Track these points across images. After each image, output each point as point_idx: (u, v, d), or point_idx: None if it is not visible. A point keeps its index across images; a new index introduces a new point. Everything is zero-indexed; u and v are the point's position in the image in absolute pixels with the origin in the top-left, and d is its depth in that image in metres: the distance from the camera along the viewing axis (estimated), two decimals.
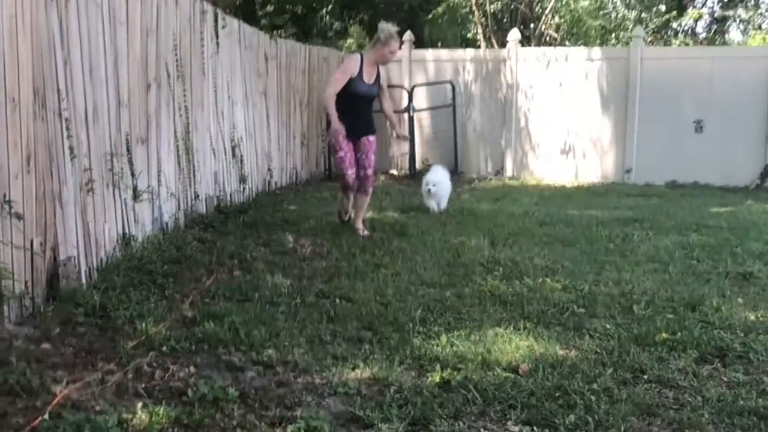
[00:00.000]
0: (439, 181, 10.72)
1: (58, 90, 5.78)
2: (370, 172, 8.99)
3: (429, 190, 10.61)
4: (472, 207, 11.39)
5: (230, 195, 10.35)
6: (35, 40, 5.41)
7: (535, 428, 3.93)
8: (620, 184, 14.77)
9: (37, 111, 5.43)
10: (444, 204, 10.81)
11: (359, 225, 9.11)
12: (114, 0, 6.91)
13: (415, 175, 14.65)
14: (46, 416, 3.85)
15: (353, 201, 9.22)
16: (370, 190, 9.14)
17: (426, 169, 15.30)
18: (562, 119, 15.29)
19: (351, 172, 8.88)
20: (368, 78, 8.78)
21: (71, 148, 5.98)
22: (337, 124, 8.55)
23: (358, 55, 8.91)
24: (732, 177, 14.33)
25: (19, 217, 5.15)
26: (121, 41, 7.03)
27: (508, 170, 15.73)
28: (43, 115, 5.52)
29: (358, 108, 8.78)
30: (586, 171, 15.26)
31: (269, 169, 12.24)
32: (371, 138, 8.97)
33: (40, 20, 5.48)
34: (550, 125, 15.38)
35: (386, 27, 8.74)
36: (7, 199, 5.05)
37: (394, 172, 15.74)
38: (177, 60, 8.50)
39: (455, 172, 15.44)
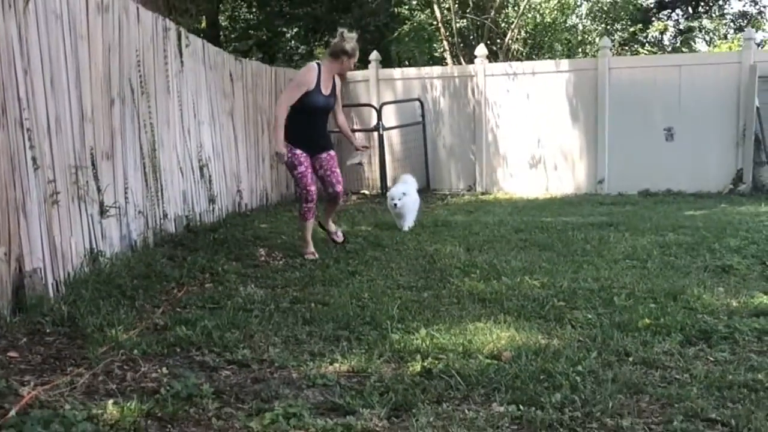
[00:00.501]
0: (404, 194, 10.08)
1: (19, 99, 5.64)
2: (339, 188, 8.46)
3: (395, 204, 10.01)
4: (446, 219, 11.31)
5: (199, 215, 10.19)
6: None
7: (521, 407, 3.81)
8: (593, 194, 14.72)
9: None
10: (412, 219, 10.23)
11: (332, 227, 8.83)
12: (74, 13, 6.79)
13: (387, 194, 14.56)
14: (13, 413, 3.69)
15: (324, 207, 8.70)
16: (340, 200, 8.73)
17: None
18: (532, 133, 15.26)
19: (314, 189, 8.19)
20: (325, 89, 8.15)
21: (34, 159, 5.83)
22: (280, 148, 7.94)
23: (315, 65, 8.23)
24: (705, 183, 14.31)
25: None
26: (83, 55, 6.91)
27: (480, 185, 15.67)
28: (3, 124, 5.37)
29: (316, 122, 8.19)
30: (558, 183, 15.22)
31: (239, 190, 12.09)
32: (332, 152, 8.42)
33: None
34: (520, 139, 15.35)
35: (352, 37, 8.34)
36: None
37: (366, 192, 15.64)
38: (141, 77, 8.37)
39: (427, 189, 15.40)
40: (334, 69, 8.23)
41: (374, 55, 16.09)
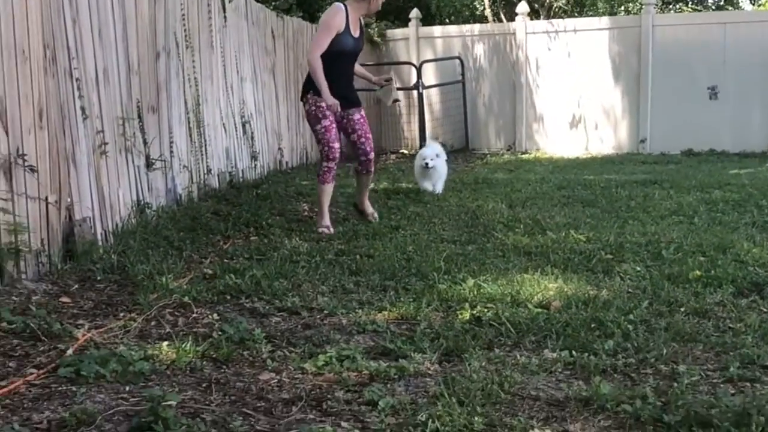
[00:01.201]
0: (437, 154, 9.34)
1: (68, 48, 5.67)
2: (372, 154, 7.61)
3: (426, 164, 9.22)
4: (487, 177, 11.26)
5: (242, 171, 10.22)
6: None
7: (573, 353, 3.79)
8: (635, 154, 14.58)
9: (47, 67, 5.32)
10: (441, 185, 9.44)
11: (368, 207, 7.85)
12: None
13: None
14: (70, 352, 3.74)
15: (356, 182, 7.96)
16: (373, 169, 7.72)
17: None
18: (573, 91, 15.13)
19: (337, 146, 7.33)
20: (354, 31, 7.30)
21: (83, 108, 5.87)
22: (329, 97, 7.05)
23: (342, 5, 7.22)
24: (748, 143, 14.12)
25: (33, 170, 5.04)
26: (130, 6, 6.91)
27: (520, 144, 15.59)
28: (53, 72, 5.41)
29: (345, 69, 7.38)
30: (599, 142, 15.10)
31: (280, 148, 12.10)
32: (362, 111, 7.58)
33: None
34: (561, 98, 15.22)
35: None
36: (20, 152, 4.94)
37: (404, 151, 15.61)
38: (185, 31, 8.37)
39: (466, 149, 15.34)
40: (361, 9, 7.34)
41: (414, 13, 16.01)
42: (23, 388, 3.39)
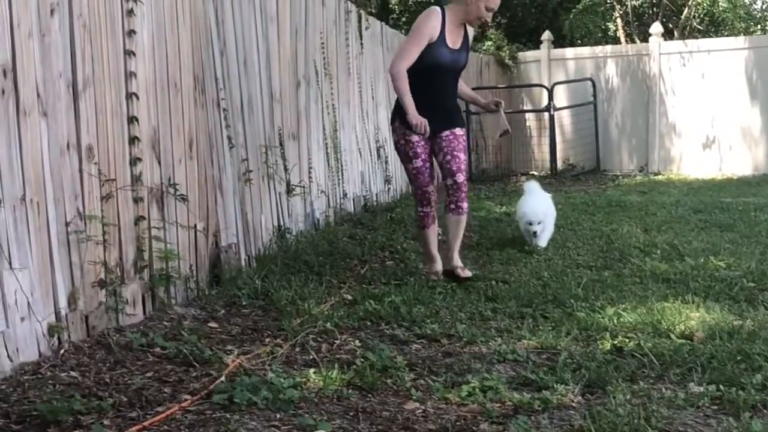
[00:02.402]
0: (543, 214, 7.54)
1: (216, 79, 5.90)
2: (461, 178, 6.20)
3: (534, 232, 7.41)
4: (620, 199, 11.13)
5: (376, 195, 10.39)
6: (194, 28, 5.55)
7: (721, 387, 3.75)
8: None
9: (197, 98, 5.56)
10: (547, 238, 7.63)
11: (457, 261, 6.29)
12: None
13: (557, 175, 14.49)
14: (222, 379, 3.90)
15: (444, 227, 6.54)
16: (466, 206, 6.30)
17: (568, 168, 15.16)
18: (707, 112, 14.81)
19: (432, 189, 6.35)
20: (452, 42, 6.11)
21: (229, 138, 6.10)
22: (415, 116, 5.87)
23: (439, 9, 6.12)
24: None
25: (184, 199, 5.27)
26: (273, 37, 7.15)
27: (653, 166, 15.34)
28: (203, 103, 5.65)
29: (440, 87, 6.13)
30: (735, 163, 14.73)
31: None
32: (458, 131, 6.23)
33: (198, 9, 5.62)
34: (695, 119, 14.93)
35: None
36: (172, 182, 5.17)
37: (534, 172, 15.55)
38: (324, 59, 8.60)
39: (597, 170, 15.19)
40: (461, 15, 6.13)
41: (546, 35, 16.01)
42: (179, 414, 3.55)
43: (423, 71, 5.99)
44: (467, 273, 6.18)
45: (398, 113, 6.13)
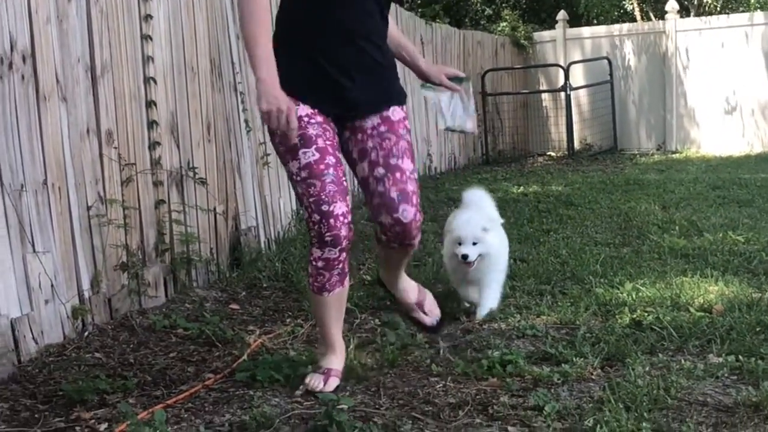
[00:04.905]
0: (482, 229, 4.69)
1: (233, 63, 5.94)
2: (409, 214, 3.52)
3: (465, 257, 4.60)
4: (638, 177, 11.09)
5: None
6: (210, 12, 5.59)
7: (740, 357, 3.76)
8: None
9: (214, 82, 5.60)
10: (493, 297, 4.78)
11: (408, 292, 4.15)
12: None
13: (574, 155, 14.44)
14: (245, 358, 3.95)
15: (383, 257, 4.08)
16: (417, 240, 3.72)
17: (585, 148, 15.13)
18: (725, 89, 14.70)
19: (340, 211, 3.40)
20: None
21: (246, 121, 6.13)
22: (271, 90, 3.13)
23: None
24: None
25: (203, 183, 5.32)
26: None
27: (670, 144, 15.27)
28: (219, 86, 5.69)
29: (350, 20, 3.40)
30: (754, 141, 14.63)
31: (429, 154, 12.25)
32: (396, 113, 3.59)
33: None
34: (713, 96, 14.82)
35: None
36: (191, 165, 5.22)
37: (552, 153, 15.51)
38: None
39: (615, 149, 15.14)
40: None
41: (561, 15, 15.93)
42: (203, 392, 3.60)
43: None
44: (433, 316, 4.15)
45: (279, 67, 3.21)
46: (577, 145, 14.96)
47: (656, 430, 3.05)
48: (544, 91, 15.79)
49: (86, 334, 4.26)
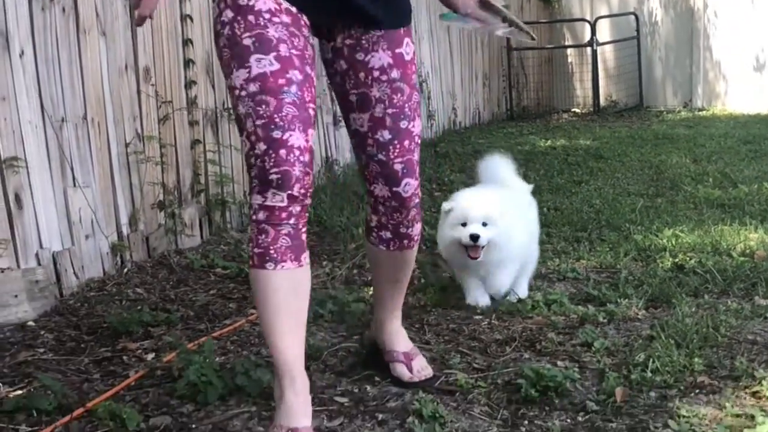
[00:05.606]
0: (496, 213, 3.74)
1: None
2: (410, 186, 2.91)
3: (474, 237, 3.67)
4: (667, 132, 11.00)
5: (420, 131, 10.32)
6: None
7: None
8: None
9: None
10: (504, 278, 3.86)
11: (398, 340, 3.06)
12: None
13: (599, 112, 14.32)
14: None
15: (374, 268, 3.10)
16: (417, 231, 2.98)
17: (611, 105, 15.00)
18: (756, 46, 14.50)
19: (297, 140, 2.39)
20: None
21: None
22: None
23: None
24: None
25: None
26: None
27: (697, 101, 15.11)
28: None
29: None
30: None
31: (453, 108, 12.16)
32: (408, 46, 2.72)
33: None
34: (742, 53, 14.62)
35: None
36: (226, 106, 5.17)
37: (577, 110, 15.38)
38: None
39: (641, 106, 14.99)
40: None
41: None
42: (247, 327, 3.59)
43: None
44: (423, 373, 3.01)
45: None
46: (602, 101, 14.83)
47: (708, 365, 3.02)
48: (570, 46, 15.61)
49: (125, 270, 4.25)
